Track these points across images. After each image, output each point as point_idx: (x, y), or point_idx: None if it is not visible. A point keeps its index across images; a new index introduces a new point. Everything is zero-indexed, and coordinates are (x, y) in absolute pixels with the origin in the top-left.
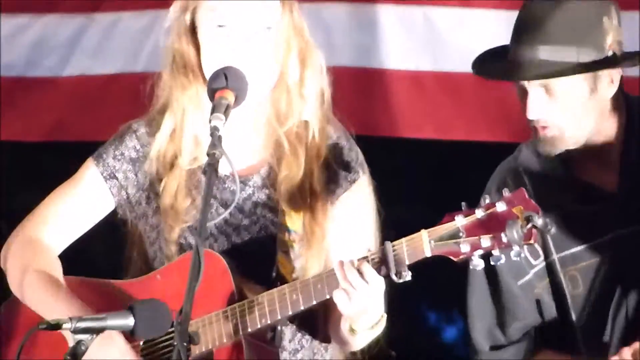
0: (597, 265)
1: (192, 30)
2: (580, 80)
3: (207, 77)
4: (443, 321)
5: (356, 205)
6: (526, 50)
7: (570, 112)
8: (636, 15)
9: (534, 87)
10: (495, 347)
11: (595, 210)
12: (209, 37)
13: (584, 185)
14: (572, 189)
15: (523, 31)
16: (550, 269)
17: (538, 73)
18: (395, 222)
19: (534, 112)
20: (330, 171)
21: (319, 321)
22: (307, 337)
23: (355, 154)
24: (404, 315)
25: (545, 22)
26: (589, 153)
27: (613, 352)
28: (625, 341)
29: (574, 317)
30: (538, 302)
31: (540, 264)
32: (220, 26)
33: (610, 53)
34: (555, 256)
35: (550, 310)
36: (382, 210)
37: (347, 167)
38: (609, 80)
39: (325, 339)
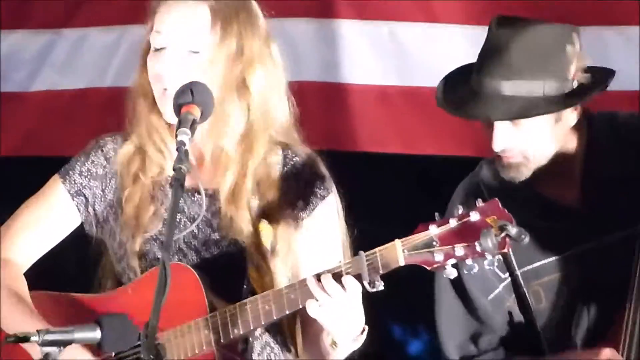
0: (559, 279)
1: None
2: None
3: (155, 97)
4: (409, 335)
5: (324, 223)
6: (490, 83)
7: (535, 141)
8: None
9: (499, 121)
10: (466, 358)
11: (556, 226)
12: (149, 58)
13: (546, 201)
14: (534, 205)
15: (487, 62)
16: (514, 284)
17: (505, 113)
18: (365, 235)
19: (500, 144)
20: (297, 190)
21: (286, 337)
22: (276, 351)
23: (321, 172)
24: (370, 329)
25: (508, 53)
26: (551, 169)
27: None
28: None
29: (539, 329)
30: (510, 314)
31: (509, 277)
32: (155, 48)
33: (575, 84)
34: (518, 272)
35: (521, 322)
36: (353, 225)
37: (313, 185)
38: (573, 108)
39: (293, 355)
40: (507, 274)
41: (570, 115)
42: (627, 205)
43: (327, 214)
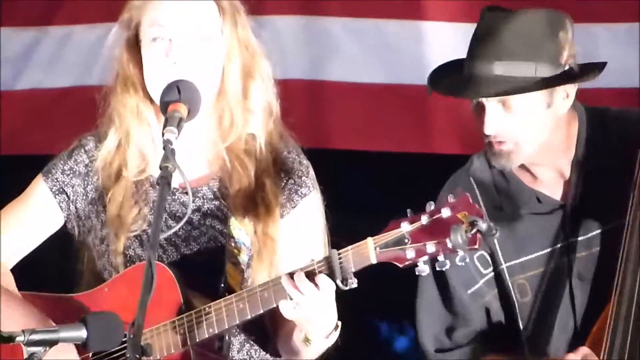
0: (546, 274)
1: (136, 44)
2: (537, 96)
3: (149, 90)
4: (394, 332)
5: (306, 220)
6: (482, 65)
7: (526, 127)
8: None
9: (491, 103)
10: (440, 350)
11: (544, 220)
12: (148, 51)
13: (535, 194)
14: (523, 198)
15: (479, 46)
16: (499, 278)
17: (496, 90)
18: (348, 234)
19: (491, 127)
20: (282, 185)
21: (268, 334)
22: (256, 347)
23: (305, 169)
24: (356, 327)
25: (501, 36)
26: (540, 162)
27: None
28: (572, 349)
29: (521, 324)
30: (487, 310)
31: (490, 273)
32: (155, 39)
33: (566, 67)
34: (504, 265)
35: (499, 318)
36: (332, 221)
37: (297, 182)
38: (565, 95)
39: (275, 353)
40: (490, 269)
41: (562, 103)
42: (615, 199)
43: (308, 213)
